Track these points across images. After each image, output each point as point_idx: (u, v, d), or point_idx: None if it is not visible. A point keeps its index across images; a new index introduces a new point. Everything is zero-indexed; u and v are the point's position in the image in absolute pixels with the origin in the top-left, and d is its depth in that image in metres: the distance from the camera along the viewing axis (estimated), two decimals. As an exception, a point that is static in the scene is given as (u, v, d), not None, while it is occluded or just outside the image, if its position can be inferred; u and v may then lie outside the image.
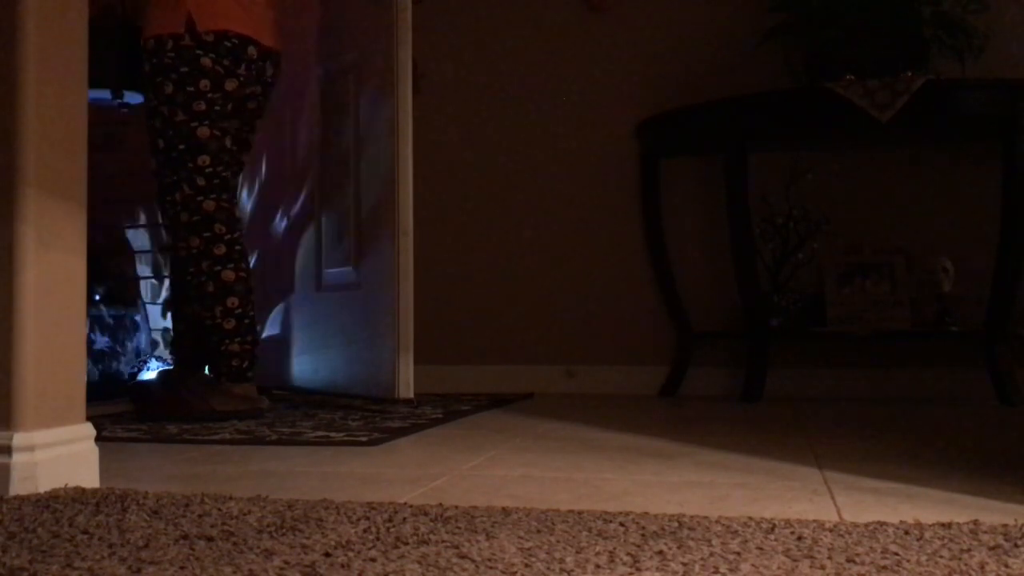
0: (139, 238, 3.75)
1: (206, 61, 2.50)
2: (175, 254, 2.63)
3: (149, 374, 3.43)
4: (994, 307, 2.82)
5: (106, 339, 3.37)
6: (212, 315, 2.53)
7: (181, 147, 2.51)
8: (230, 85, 2.55)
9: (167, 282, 3.64)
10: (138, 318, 3.54)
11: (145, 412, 2.56)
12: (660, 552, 0.98)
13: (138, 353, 3.47)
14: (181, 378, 2.59)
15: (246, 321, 2.57)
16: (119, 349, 3.42)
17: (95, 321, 3.32)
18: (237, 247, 2.56)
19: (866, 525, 1.10)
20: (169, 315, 3.41)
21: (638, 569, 0.92)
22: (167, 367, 2.97)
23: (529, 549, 1.00)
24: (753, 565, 0.93)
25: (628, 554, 0.97)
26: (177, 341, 2.75)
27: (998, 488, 1.41)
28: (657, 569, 0.92)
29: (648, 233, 3.33)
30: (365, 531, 1.10)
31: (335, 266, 2.96)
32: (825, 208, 3.17)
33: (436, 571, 0.92)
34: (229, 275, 2.53)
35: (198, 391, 2.53)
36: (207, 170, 2.52)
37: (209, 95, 2.51)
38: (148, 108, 2.58)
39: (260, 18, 2.62)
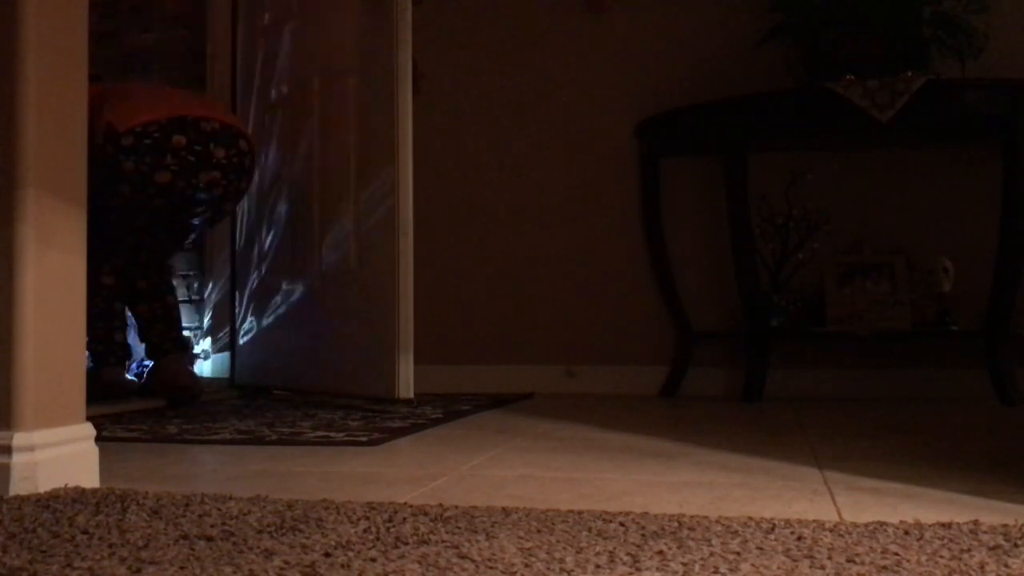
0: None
1: (128, 164, 2.70)
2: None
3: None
4: (994, 307, 2.82)
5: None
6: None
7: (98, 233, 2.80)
8: (162, 177, 2.73)
9: None
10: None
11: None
12: (660, 552, 0.98)
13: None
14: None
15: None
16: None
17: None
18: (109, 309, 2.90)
19: (866, 525, 1.10)
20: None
21: (638, 569, 0.92)
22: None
23: (529, 549, 1.00)
24: (753, 565, 0.93)
25: (628, 554, 0.97)
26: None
27: (998, 488, 1.41)
28: (657, 569, 0.92)
29: (648, 233, 3.34)
30: (365, 531, 1.10)
31: (336, 266, 2.96)
32: (825, 208, 3.17)
33: (436, 571, 0.92)
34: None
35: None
36: (106, 268, 2.86)
37: (128, 195, 2.76)
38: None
39: (198, 100, 2.87)
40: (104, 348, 2.86)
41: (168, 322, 2.98)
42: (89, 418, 1.50)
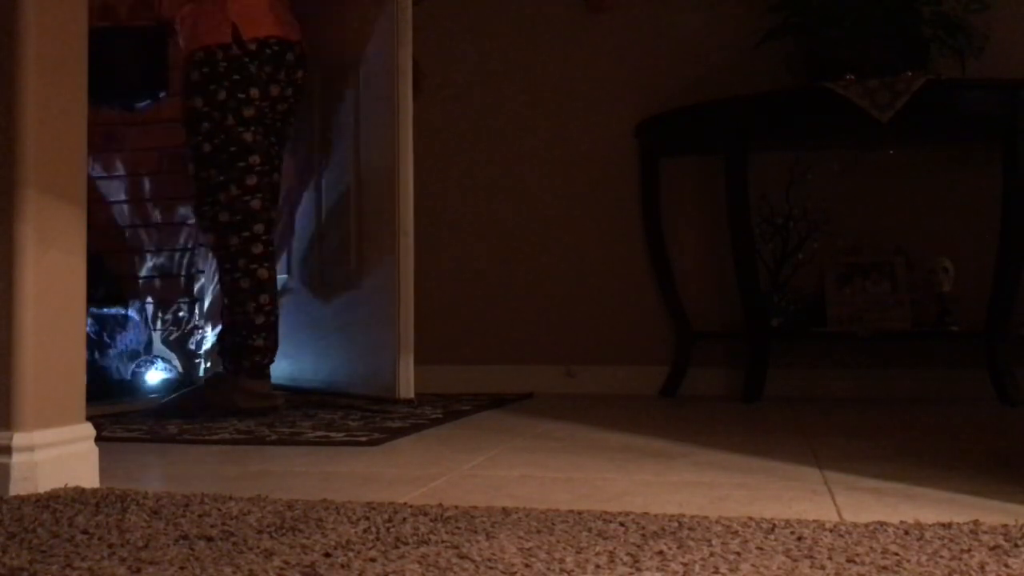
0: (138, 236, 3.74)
1: (253, 68, 2.63)
2: (215, 254, 2.73)
3: (155, 374, 3.43)
4: (994, 307, 2.82)
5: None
6: (244, 310, 2.61)
7: (232, 149, 2.61)
8: (274, 90, 2.68)
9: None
10: (134, 316, 3.54)
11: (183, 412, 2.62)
12: (660, 552, 0.98)
13: (135, 352, 3.47)
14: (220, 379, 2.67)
15: (272, 319, 2.66)
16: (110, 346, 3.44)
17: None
18: (271, 248, 2.68)
19: (866, 525, 1.10)
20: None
21: (638, 569, 0.92)
22: (217, 372, 2.91)
23: (529, 549, 1.00)
24: (753, 565, 0.93)
25: (628, 554, 0.97)
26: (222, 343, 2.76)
27: (998, 488, 1.41)
28: (657, 569, 0.92)
29: (648, 233, 3.33)
30: (365, 531, 1.10)
31: (336, 266, 2.96)
32: (825, 208, 3.17)
33: (436, 571, 0.92)
34: (264, 273, 2.64)
35: (222, 389, 2.60)
36: (257, 169, 2.64)
37: (257, 102, 2.64)
38: (194, 114, 2.64)
39: (289, 22, 2.75)
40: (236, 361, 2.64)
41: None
42: (89, 418, 1.50)
